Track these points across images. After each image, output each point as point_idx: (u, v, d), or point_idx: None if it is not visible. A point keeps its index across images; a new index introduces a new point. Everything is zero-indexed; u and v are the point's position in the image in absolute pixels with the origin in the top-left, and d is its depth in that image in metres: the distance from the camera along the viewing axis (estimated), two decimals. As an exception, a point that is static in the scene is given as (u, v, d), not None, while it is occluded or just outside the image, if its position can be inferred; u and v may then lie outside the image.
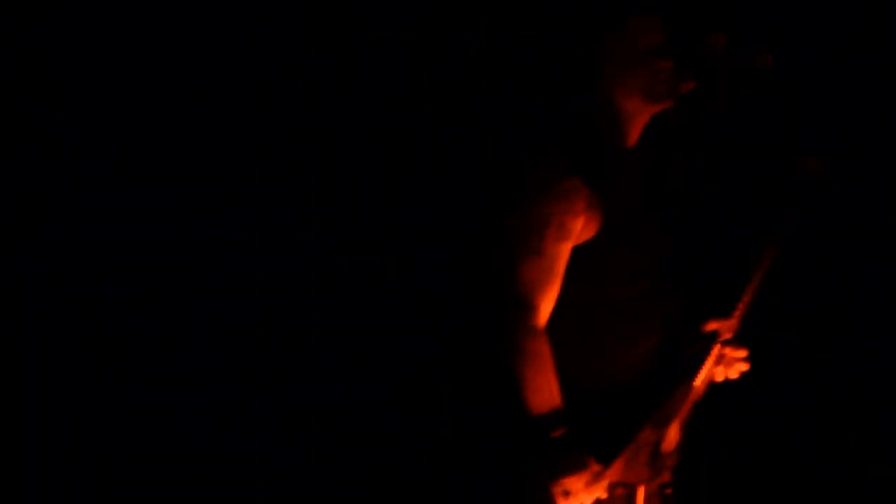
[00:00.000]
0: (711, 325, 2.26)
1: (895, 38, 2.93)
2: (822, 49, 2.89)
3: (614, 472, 2.11)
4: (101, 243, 2.72)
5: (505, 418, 2.13)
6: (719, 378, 2.27)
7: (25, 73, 2.61)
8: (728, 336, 2.24)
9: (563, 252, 2.10)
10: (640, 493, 2.16)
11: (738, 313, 2.23)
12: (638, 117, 2.20)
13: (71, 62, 2.65)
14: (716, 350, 2.23)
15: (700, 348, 2.24)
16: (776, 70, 2.27)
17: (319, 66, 2.86)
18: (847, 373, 3.07)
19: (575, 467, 2.05)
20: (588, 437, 2.08)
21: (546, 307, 2.10)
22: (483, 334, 2.17)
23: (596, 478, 2.06)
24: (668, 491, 2.26)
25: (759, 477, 3.06)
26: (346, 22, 2.84)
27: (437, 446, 2.66)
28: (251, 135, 2.81)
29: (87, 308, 2.71)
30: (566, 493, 2.05)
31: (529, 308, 2.06)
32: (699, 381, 2.21)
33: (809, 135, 2.61)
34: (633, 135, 2.22)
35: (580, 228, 2.10)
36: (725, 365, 2.26)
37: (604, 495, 2.09)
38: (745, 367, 2.27)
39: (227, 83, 2.76)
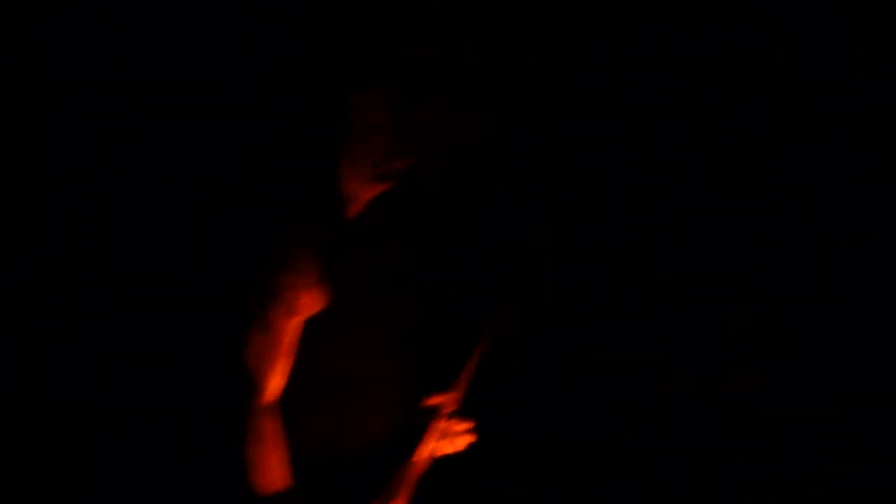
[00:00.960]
0: (434, 400, 2.25)
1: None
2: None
3: None
4: (101, 243, 2.70)
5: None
6: (445, 451, 2.26)
7: (25, 74, 2.62)
8: (450, 410, 2.22)
9: (292, 327, 2.11)
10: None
11: (460, 387, 2.23)
12: (360, 197, 2.19)
13: (70, 62, 2.64)
14: (438, 424, 2.22)
15: (421, 422, 2.23)
16: (492, 135, 2.17)
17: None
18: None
19: None
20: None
21: (276, 383, 2.12)
22: (209, 412, 2.24)
23: None
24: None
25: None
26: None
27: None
28: (252, 134, 2.71)
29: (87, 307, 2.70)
30: None
31: (258, 385, 2.08)
32: (421, 455, 2.22)
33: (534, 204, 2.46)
34: (359, 211, 2.21)
35: (309, 304, 2.11)
36: (450, 438, 2.24)
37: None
38: (470, 438, 2.25)
39: (228, 83, 2.72)
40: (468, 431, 2.26)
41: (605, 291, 2.74)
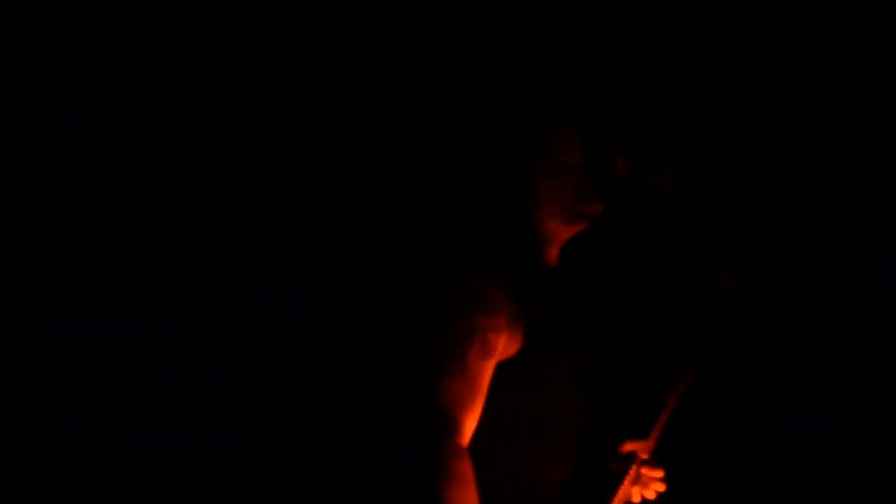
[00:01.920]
0: (629, 446, 2.28)
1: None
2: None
3: None
4: (101, 243, 2.67)
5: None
6: (636, 499, 2.29)
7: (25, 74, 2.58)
8: (645, 457, 2.25)
9: (487, 369, 2.12)
10: None
11: (654, 434, 2.24)
12: (555, 239, 2.22)
13: (70, 62, 2.61)
14: (633, 470, 2.25)
15: (618, 468, 2.26)
16: (680, 187, 2.19)
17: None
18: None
19: None
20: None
21: (470, 425, 2.12)
22: (404, 450, 2.20)
23: None
24: None
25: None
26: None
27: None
28: (251, 134, 2.77)
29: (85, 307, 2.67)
30: None
31: (453, 426, 2.08)
32: (617, 501, 2.24)
33: (720, 248, 2.46)
34: (553, 253, 2.24)
35: (503, 345, 2.13)
36: (642, 485, 2.27)
37: None
38: (661, 487, 2.27)
39: (227, 83, 2.72)
40: (660, 479, 2.27)
41: (792, 334, 2.73)
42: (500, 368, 2.14)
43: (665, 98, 2.69)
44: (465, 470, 2.05)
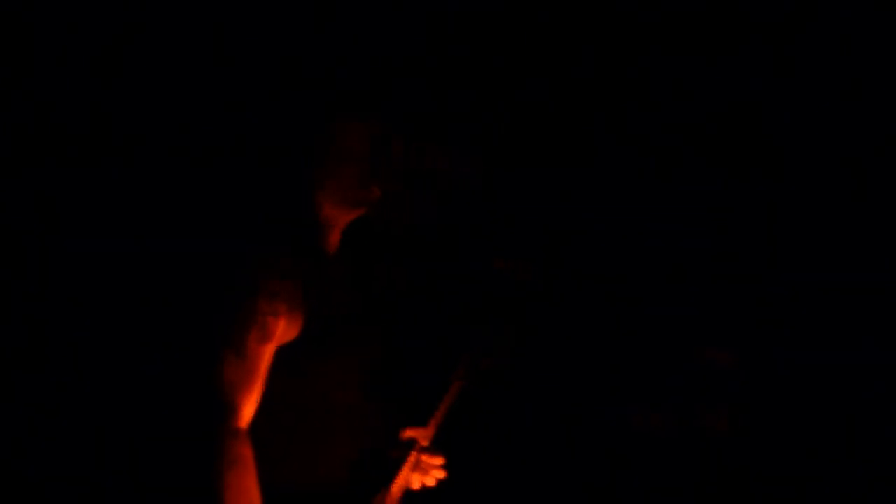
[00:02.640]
0: (409, 433, 2.26)
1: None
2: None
3: None
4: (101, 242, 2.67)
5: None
6: (416, 485, 2.28)
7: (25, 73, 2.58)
8: (425, 444, 2.24)
9: (266, 353, 2.09)
10: None
11: (434, 421, 2.23)
12: (337, 222, 2.21)
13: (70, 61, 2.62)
14: (412, 457, 2.22)
15: (398, 455, 2.24)
16: (472, 171, 2.18)
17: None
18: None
19: None
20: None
21: (248, 409, 2.10)
22: (183, 434, 2.16)
23: None
24: None
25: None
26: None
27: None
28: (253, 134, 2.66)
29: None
30: None
31: (232, 409, 2.06)
32: (395, 487, 2.22)
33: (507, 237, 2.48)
34: (334, 239, 2.22)
35: (282, 329, 2.10)
36: (422, 471, 2.25)
37: None
38: (441, 474, 2.26)
39: (228, 82, 2.72)
40: (440, 467, 2.26)
41: (585, 323, 2.75)
42: (282, 353, 2.11)
43: (445, 82, 2.67)
44: (245, 452, 2.03)
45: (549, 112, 2.72)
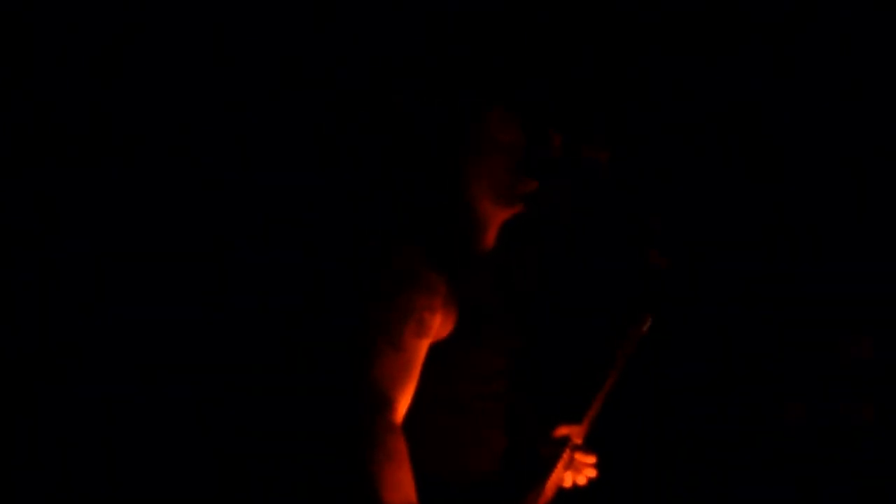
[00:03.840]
0: (562, 430, 2.25)
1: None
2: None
3: None
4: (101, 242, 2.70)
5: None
6: (567, 483, 2.27)
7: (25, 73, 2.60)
8: (578, 441, 2.23)
9: (422, 348, 2.10)
10: None
11: (588, 419, 2.21)
12: (492, 220, 2.21)
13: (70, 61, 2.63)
14: (566, 455, 2.22)
15: (550, 452, 2.23)
16: (615, 164, 2.17)
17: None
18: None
19: None
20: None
21: (403, 404, 2.11)
22: (339, 427, 2.17)
23: None
24: None
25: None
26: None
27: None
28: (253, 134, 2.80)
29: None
30: None
31: (388, 404, 2.07)
32: (548, 485, 2.22)
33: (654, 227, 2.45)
34: (490, 236, 2.22)
35: (438, 325, 2.11)
36: (574, 470, 2.25)
37: None
38: (592, 473, 2.24)
39: (228, 82, 2.75)
40: (592, 465, 2.24)
41: (724, 315, 2.72)
42: (435, 349, 2.12)
43: (601, 77, 2.68)
44: (400, 447, 2.03)
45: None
